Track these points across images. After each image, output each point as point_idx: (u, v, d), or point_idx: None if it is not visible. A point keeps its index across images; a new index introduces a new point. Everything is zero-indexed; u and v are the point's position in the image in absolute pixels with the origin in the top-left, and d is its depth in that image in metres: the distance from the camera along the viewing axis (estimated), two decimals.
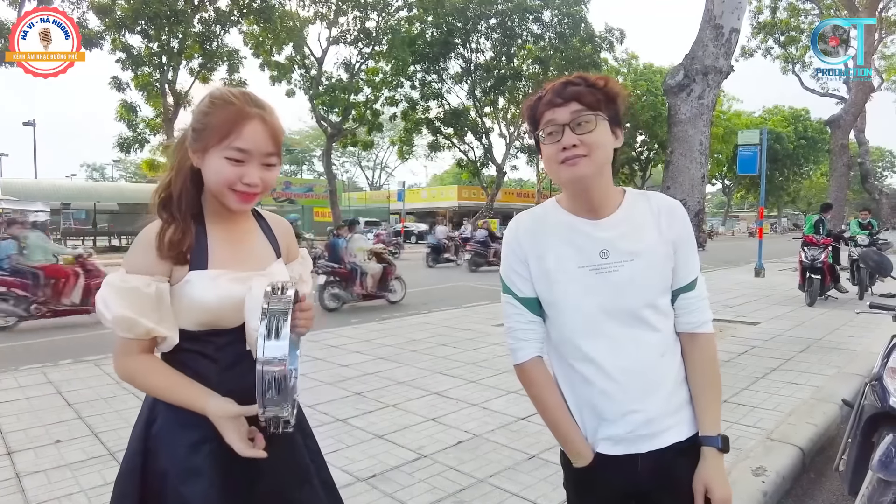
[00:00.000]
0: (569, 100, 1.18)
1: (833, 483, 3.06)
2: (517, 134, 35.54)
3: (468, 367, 5.29)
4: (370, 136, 29.42)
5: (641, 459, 1.23)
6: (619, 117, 1.23)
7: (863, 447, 2.37)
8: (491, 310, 8.83)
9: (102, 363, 5.43)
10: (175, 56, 20.01)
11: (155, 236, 1.19)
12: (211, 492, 1.17)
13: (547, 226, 1.28)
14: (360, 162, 69.71)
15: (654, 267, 1.22)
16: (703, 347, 1.27)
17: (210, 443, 1.19)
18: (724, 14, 6.33)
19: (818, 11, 29.35)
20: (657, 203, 1.27)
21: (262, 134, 1.19)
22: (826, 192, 22.09)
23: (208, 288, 1.19)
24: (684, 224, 1.26)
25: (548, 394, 1.29)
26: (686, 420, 1.26)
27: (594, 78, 1.22)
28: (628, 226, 1.24)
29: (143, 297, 1.15)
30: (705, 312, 1.28)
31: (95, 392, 4.54)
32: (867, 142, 26.25)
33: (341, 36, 26.11)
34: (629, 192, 1.29)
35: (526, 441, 3.49)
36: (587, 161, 1.17)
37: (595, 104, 1.18)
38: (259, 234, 1.36)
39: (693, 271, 1.27)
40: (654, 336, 1.23)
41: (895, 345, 2.49)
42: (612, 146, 1.22)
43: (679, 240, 1.25)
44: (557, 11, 30.46)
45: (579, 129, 1.17)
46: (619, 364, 1.22)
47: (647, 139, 43.22)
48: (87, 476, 3.05)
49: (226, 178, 1.18)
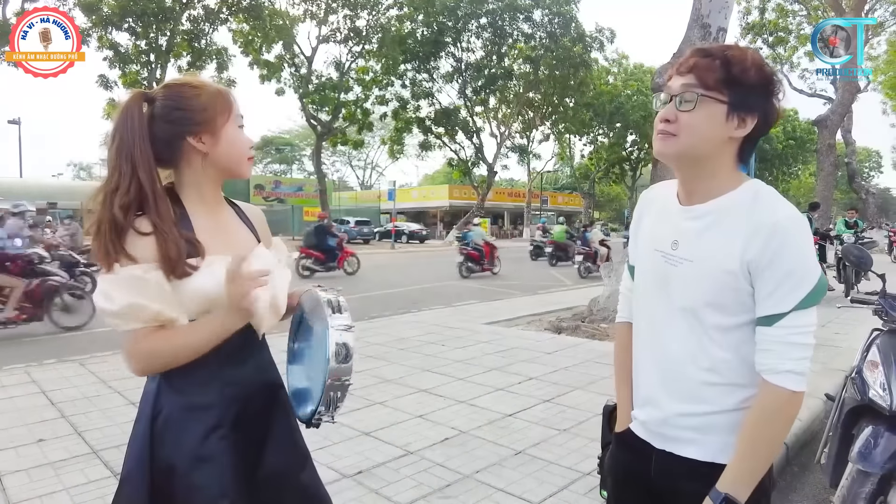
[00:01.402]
0: (687, 71, 1.10)
1: (816, 476, 3.09)
2: (508, 133, 35.63)
3: (456, 364, 5.29)
4: (360, 135, 29.40)
5: (655, 455, 1.22)
6: (751, 103, 1.08)
7: (843, 440, 2.40)
8: (480, 308, 8.85)
9: (88, 362, 5.38)
10: (163, 54, 19.92)
11: (141, 224, 1.15)
12: (225, 477, 1.18)
13: (658, 197, 1.27)
14: (350, 161, 69.60)
15: (708, 280, 1.10)
16: (763, 397, 1.07)
17: (222, 427, 1.20)
18: (712, 13, 6.38)
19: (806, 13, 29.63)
20: (760, 215, 1.06)
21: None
22: (813, 192, 22.32)
23: (205, 275, 1.18)
24: (780, 249, 1.03)
25: (617, 355, 1.40)
26: (715, 444, 1.14)
27: (731, 54, 1.08)
28: (707, 223, 1.12)
29: (145, 282, 1.13)
30: (779, 360, 1.05)
31: (80, 391, 4.50)
32: (854, 142, 26.60)
33: (331, 34, 26.09)
34: (743, 188, 1.11)
35: (512, 437, 3.49)
36: (674, 141, 1.10)
37: (713, 84, 1.06)
38: (238, 221, 1.37)
39: (775, 306, 1.04)
40: (701, 348, 1.13)
41: (874, 339, 2.52)
42: (723, 133, 1.08)
43: (761, 264, 1.04)
44: (548, 11, 30.58)
45: (682, 106, 1.08)
46: (653, 356, 1.22)
47: (637, 139, 43.46)
48: (69, 475, 3.02)
49: (244, 147, 1.27)
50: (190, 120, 1.20)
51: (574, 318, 7.42)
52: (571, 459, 3.16)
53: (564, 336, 6.66)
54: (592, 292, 8.93)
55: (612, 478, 1.38)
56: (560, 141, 43.66)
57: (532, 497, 2.72)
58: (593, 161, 46.97)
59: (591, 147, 45.86)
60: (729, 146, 1.11)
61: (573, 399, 4.25)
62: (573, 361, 5.39)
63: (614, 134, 43.64)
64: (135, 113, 1.18)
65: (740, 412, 1.12)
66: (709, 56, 1.08)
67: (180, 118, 1.20)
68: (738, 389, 1.12)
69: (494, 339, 6.46)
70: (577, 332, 6.76)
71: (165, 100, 1.20)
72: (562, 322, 7.27)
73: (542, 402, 4.19)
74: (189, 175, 1.25)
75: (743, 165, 1.16)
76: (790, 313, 1.03)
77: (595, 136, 44.16)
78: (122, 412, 3.96)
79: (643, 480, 1.25)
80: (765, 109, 1.09)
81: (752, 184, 1.12)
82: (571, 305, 8.66)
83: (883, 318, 2.52)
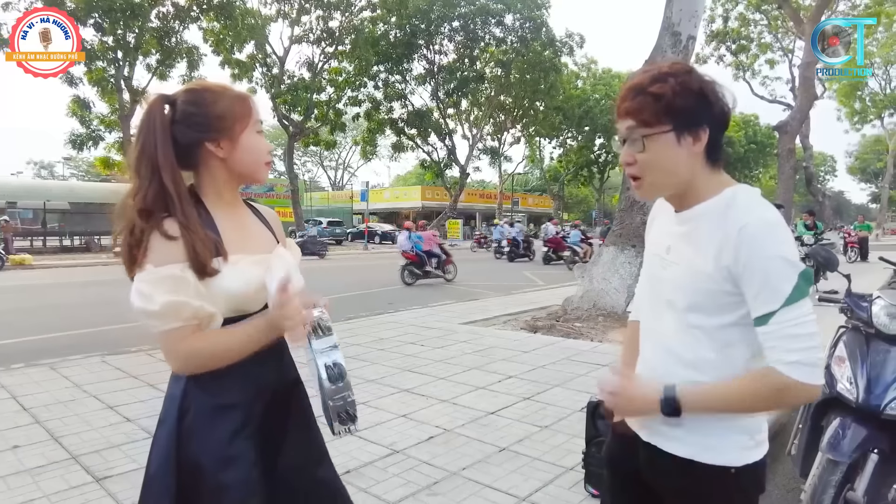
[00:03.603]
0: (625, 115, 1.14)
1: (786, 467, 3.23)
2: (480, 136, 35.84)
3: (436, 364, 5.33)
4: (333, 135, 29.17)
5: (643, 447, 1.28)
6: (694, 119, 1.10)
7: (813, 431, 2.52)
8: (456, 309, 8.91)
9: (59, 366, 5.25)
10: (131, 51, 19.43)
11: (170, 236, 1.15)
12: (251, 476, 1.20)
13: (664, 204, 1.31)
14: (322, 162, 69.00)
15: (688, 283, 1.15)
16: (771, 374, 1.07)
17: (248, 426, 1.22)
18: (682, 21, 6.58)
19: (766, 22, 30.61)
20: (730, 221, 1.09)
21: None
22: (774, 195, 23.06)
23: (232, 273, 1.20)
24: (751, 253, 1.06)
25: (623, 349, 1.48)
26: (696, 443, 1.18)
27: (654, 89, 1.10)
28: (689, 228, 1.18)
29: (182, 280, 1.14)
30: (784, 353, 1.06)
31: (52, 396, 4.39)
32: (811, 147, 27.56)
33: (304, 35, 25.86)
34: (722, 194, 1.14)
35: (496, 434, 3.56)
36: (640, 184, 1.17)
37: (651, 120, 1.10)
38: (256, 221, 1.40)
39: (762, 306, 1.06)
40: (686, 347, 1.18)
41: (841, 335, 2.67)
42: (681, 155, 1.12)
43: (738, 270, 1.07)
44: (519, 15, 30.88)
45: (633, 148, 1.14)
46: (647, 352, 1.30)
47: (605, 142, 44.20)
48: (49, 481, 2.95)
49: (263, 152, 1.29)
50: (209, 126, 1.21)
51: (549, 318, 7.54)
52: (554, 455, 3.24)
53: (540, 335, 6.77)
54: (564, 292, 9.08)
55: (607, 468, 1.44)
56: (530, 143, 44.13)
57: (518, 492, 2.79)
58: (562, 163, 47.63)
59: (560, 150, 46.53)
60: (694, 159, 1.14)
61: (552, 396, 4.34)
62: (550, 360, 5.49)
63: (583, 137, 44.33)
64: (156, 116, 1.20)
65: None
66: (639, 94, 1.12)
67: (199, 123, 1.21)
68: None
69: (472, 338, 6.53)
70: (553, 331, 6.88)
71: (185, 104, 1.22)
72: (537, 321, 7.39)
73: (523, 399, 4.27)
74: (208, 178, 1.27)
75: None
76: (779, 310, 1.05)
77: (564, 139, 44.81)
78: (100, 416, 3.89)
79: (635, 472, 1.31)
80: (711, 117, 1.12)
81: (730, 190, 1.15)
82: (545, 305, 8.79)
83: (848, 315, 2.67)
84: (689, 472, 1.19)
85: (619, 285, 7.34)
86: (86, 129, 19.72)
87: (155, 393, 4.40)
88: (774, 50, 32.76)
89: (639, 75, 1.15)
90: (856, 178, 69.34)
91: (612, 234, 7.74)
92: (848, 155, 67.39)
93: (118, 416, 3.91)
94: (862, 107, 43.64)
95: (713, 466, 1.17)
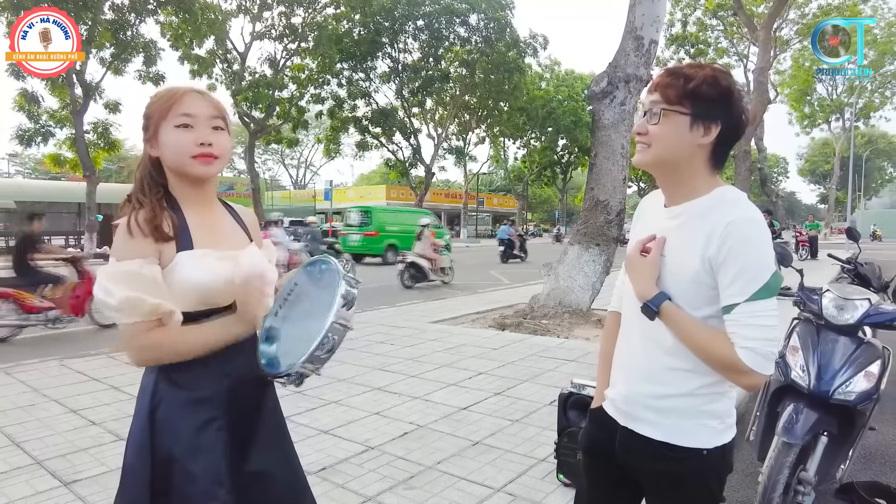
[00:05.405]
0: (654, 90, 1.25)
1: (745, 452, 3.39)
2: (445, 135, 35.92)
3: (407, 362, 5.37)
4: (295, 133, 28.75)
5: (620, 431, 1.36)
6: (711, 113, 1.20)
7: (769, 417, 2.68)
8: (424, 308, 8.95)
9: (13, 371, 5.07)
10: (84, 44, 18.68)
11: (131, 221, 1.22)
12: (220, 466, 1.23)
13: (652, 202, 1.40)
14: (283, 160, 67.91)
15: (675, 274, 1.24)
16: (731, 351, 1.15)
17: (219, 419, 1.24)
18: (645, 26, 6.79)
19: (723, 27, 31.67)
20: (718, 216, 1.18)
21: (200, 101, 1.28)
22: None
23: (197, 267, 1.24)
24: (734, 247, 1.14)
25: (603, 339, 1.54)
26: (671, 426, 1.26)
27: (690, 72, 1.22)
28: (679, 223, 1.26)
29: (141, 277, 1.18)
30: (740, 339, 1.15)
31: (10, 401, 4.24)
32: (765, 149, 28.63)
33: (266, 31, 25.38)
34: (713, 193, 1.23)
35: (469, 429, 3.63)
36: (646, 151, 1.26)
37: (674, 99, 1.21)
38: (230, 220, 1.43)
39: (730, 297, 1.16)
40: (667, 334, 1.25)
41: (794, 327, 2.84)
42: (689, 141, 1.21)
43: (718, 261, 1.16)
44: (484, 16, 31.04)
45: (650, 119, 1.24)
46: (629, 340, 1.37)
47: (567, 143, 44.90)
48: (14, 487, 2.87)
49: (182, 145, 1.24)
50: (144, 128, 1.30)
51: (516, 315, 7.66)
52: (526, 447, 3.33)
53: (508, 332, 6.89)
54: (530, 290, 9.23)
55: (584, 453, 1.51)
56: (495, 144, 44.44)
57: (493, 483, 2.86)
58: (526, 164, 48.14)
59: (524, 150, 47.00)
60: (699, 153, 1.23)
61: (522, 391, 4.44)
62: (519, 356, 5.59)
63: (546, 138, 44.90)
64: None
65: (696, 398, 1.25)
66: (672, 75, 1.23)
67: (142, 128, 1.30)
68: (696, 376, 1.24)
69: (442, 336, 6.59)
70: (521, 329, 7.00)
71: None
72: (505, 319, 7.50)
73: (494, 394, 4.35)
74: (169, 178, 1.32)
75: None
76: (745, 302, 1.14)
77: (528, 139, 45.27)
78: (63, 420, 3.78)
79: (611, 456, 1.38)
80: (727, 117, 1.21)
81: (721, 189, 1.24)
82: (513, 303, 8.92)
83: (801, 308, 2.84)
84: (664, 454, 1.27)
85: (583, 283, 7.51)
86: (34, 125, 18.89)
87: (120, 396, 4.31)
88: (730, 55, 33.91)
89: (683, 64, 1.28)
90: (806, 179, 72.45)
91: (577, 233, 7.91)
92: (799, 157, 70.45)
93: (83, 419, 3.82)
94: (811, 111, 45.57)
95: (687, 448, 1.25)
